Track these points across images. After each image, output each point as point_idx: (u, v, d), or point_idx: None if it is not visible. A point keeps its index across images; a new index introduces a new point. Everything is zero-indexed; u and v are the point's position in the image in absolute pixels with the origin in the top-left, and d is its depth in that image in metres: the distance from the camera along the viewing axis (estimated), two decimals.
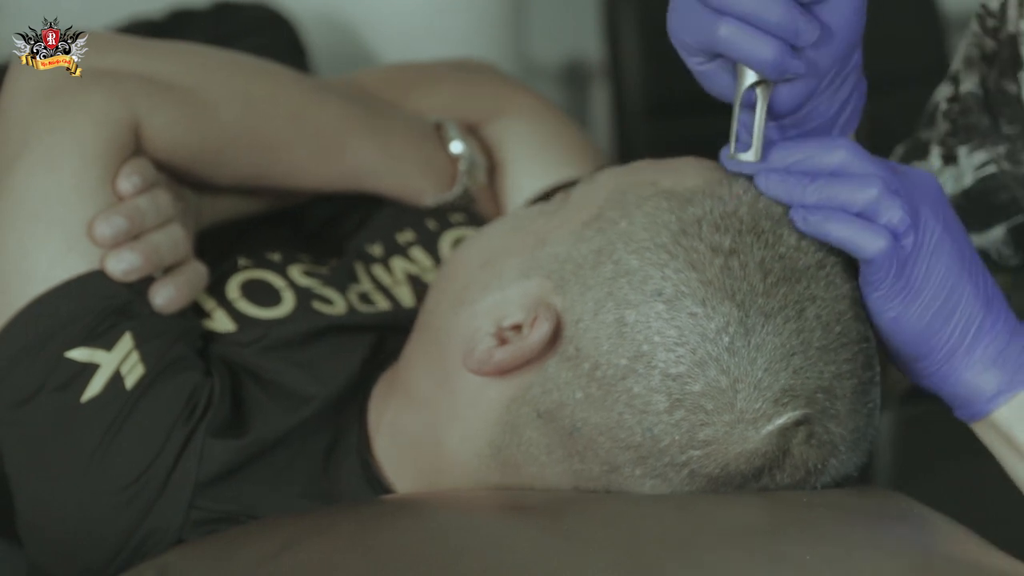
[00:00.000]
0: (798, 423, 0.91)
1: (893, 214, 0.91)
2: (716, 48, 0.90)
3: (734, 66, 0.92)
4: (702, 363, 0.91)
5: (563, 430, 0.94)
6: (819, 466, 0.93)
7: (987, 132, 1.09)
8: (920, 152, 1.13)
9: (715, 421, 0.91)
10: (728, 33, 0.89)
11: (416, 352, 1.04)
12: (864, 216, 0.92)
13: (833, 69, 0.93)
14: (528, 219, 1.02)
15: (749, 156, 0.94)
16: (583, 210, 0.98)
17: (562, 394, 0.94)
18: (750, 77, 0.91)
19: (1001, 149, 1.09)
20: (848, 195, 0.92)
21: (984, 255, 1.11)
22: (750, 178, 0.96)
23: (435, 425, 1.00)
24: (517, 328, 0.96)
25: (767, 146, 0.95)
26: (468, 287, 1.00)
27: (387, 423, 1.04)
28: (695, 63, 0.93)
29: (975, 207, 1.10)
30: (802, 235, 0.94)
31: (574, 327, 0.94)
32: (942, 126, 1.12)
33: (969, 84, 1.10)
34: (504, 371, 0.96)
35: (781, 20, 0.88)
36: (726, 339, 0.91)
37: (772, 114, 0.94)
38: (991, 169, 1.09)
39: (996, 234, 1.10)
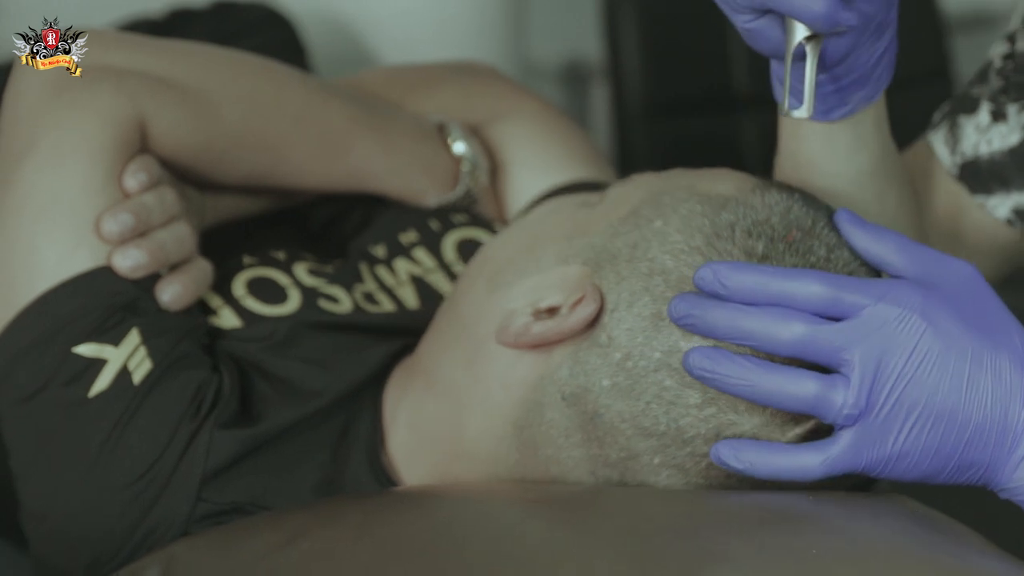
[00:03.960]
0: (823, 431, 0.91)
1: (837, 414, 0.88)
2: (766, 4, 0.89)
3: (783, 21, 0.91)
4: None
5: (585, 414, 0.95)
6: None
7: None
8: (970, 106, 1.12)
9: (745, 422, 0.92)
10: None
11: (441, 338, 1.04)
12: (807, 410, 0.89)
13: (877, 17, 0.93)
14: (569, 210, 1.03)
15: (802, 112, 0.93)
16: (619, 207, 0.99)
17: (589, 379, 0.95)
18: (800, 32, 0.91)
19: None
20: (784, 393, 0.88)
21: (1023, 214, 1.11)
22: (780, 190, 0.96)
23: (457, 410, 1.01)
24: (553, 311, 0.97)
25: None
26: (504, 270, 1.01)
27: (405, 413, 1.05)
28: (742, 21, 0.92)
29: (1020, 164, 1.10)
30: (832, 246, 0.94)
31: (609, 315, 0.95)
32: (995, 83, 1.11)
33: None
34: (539, 345, 0.96)
35: None
36: None
37: (819, 66, 0.93)
38: None
39: None
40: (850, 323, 0.88)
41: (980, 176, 1.11)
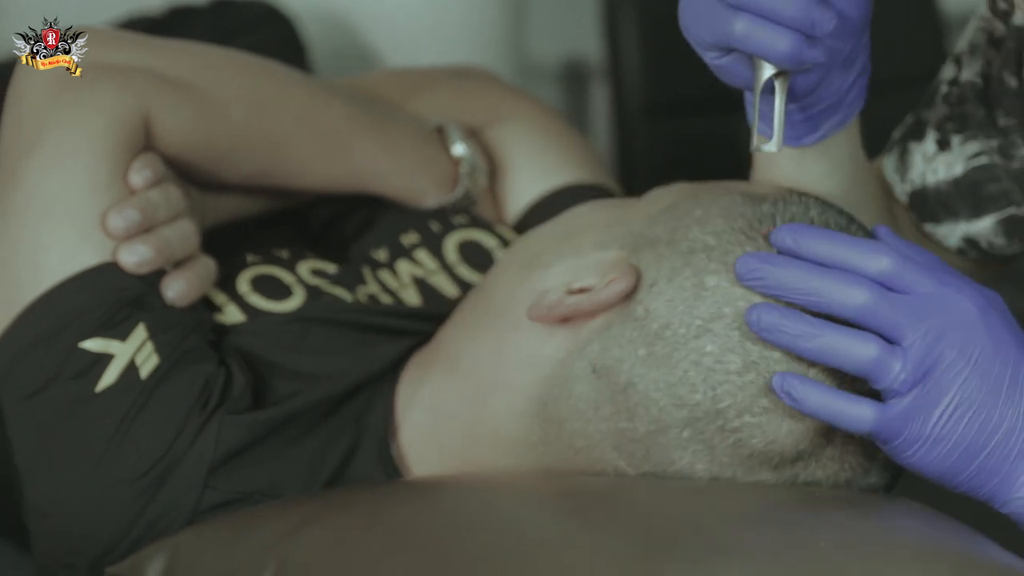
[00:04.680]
0: None
1: (893, 379, 0.90)
2: (732, 44, 0.90)
3: (751, 58, 0.92)
4: None
5: (616, 386, 0.96)
6: (852, 464, 0.95)
7: (982, 124, 1.09)
8: (919, 133, 1.12)
9: None
10: (744, 28, 0.89)
11: (468, 322, 1.05)
12: (864, 372, 0.91)
13: (846, 50, 0.93)
14: (607, 205, 1.06)
15: (771, 147, 0.94)
16: (658, 202, 1.01)
17: (623, 351, 0.96)
18: (768, 69, 0.91)
19: (994, 143, 1.08)
20: (845, 353, 0.90)
21: (974, 244, 1.11)
22: (816, 196, 0.98)
23: (480, 391, 1.02)
24: (586, 291, 0.98)
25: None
26: (541, 254, 1.02)
27: (422, 400, 1.05)
28: (711, 57, 0.93)
29: (964, 196, 1.10)
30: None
31: (647, 290, 0.96)
32: (940, 109, 1.11)
33: (969, 72, 1.10)
34: (571, 318, 0.97)
35: (796, 13, 0.88)
36: None
37: (787, 97, 0.94)
38: (983, 160, 1.09)
39: (986, 224, 1.10)
40: (914, 299, 0.90)
41: (928, 205, 1.11)
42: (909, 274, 0.91)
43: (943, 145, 1.10)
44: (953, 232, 1.11)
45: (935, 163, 1.10)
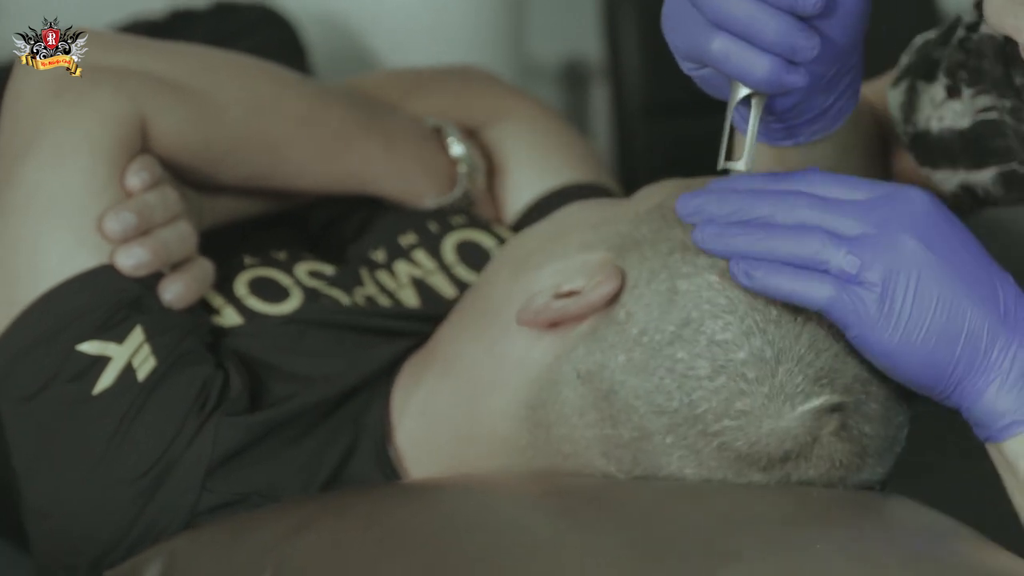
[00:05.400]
0: (833, 409, 0.93)
1: (840, 261, 0.89)
2: (708, 62, 0.88)
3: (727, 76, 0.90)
4: (749, 332, 0.93)
5: (600, 392, 0.96)
6: (843, 461, 0.94)
7: (998, 82, 1.06)
8: (930, 74, 1.09)
9: (754, 391, 0.92)
10: (721, 48, 0.87)
11: (463, 324, 1.05)
12: (811, 266, 0.90)
13: (830, 74, 0.92)
14: (596, 205, 1.06)
15: (740, 166, 0.92)
16: (646, 201, 1.01)
17: (605, 356, 0.96)
18: (743, 90, 0.89)
19: (1007, 103, 1.06)
20: (789, 249, 0.91)
21: (970, 190, 1.09)
22: None
23: (473, 392, 1.02)
24: (574, 294, 0.98)
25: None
26: (532, 255, 1.02)
27: (417, 401, 1.05)
28: (687, 68, 0.92)
29: (967, 147, 1.08)
30: None
31: (629, 293, 0.96)
32: (955, 54, 1.08)
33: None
34: (558, 322, 0.98)
35: (777, 37, 0.86)
36: (774, 312, 0.93)
37: (765, 111, 0.92)
38: (993, 115, 1.07)
39: (986, 175, 1.09)
40: (861, 202, 0.91)
41: (929, 150, 1.09)
42: (847, 183, 0.91)
43: (952, 92, 1.08)
44: (951, 179, 1.09)
45: (942, 110, 1.08)
